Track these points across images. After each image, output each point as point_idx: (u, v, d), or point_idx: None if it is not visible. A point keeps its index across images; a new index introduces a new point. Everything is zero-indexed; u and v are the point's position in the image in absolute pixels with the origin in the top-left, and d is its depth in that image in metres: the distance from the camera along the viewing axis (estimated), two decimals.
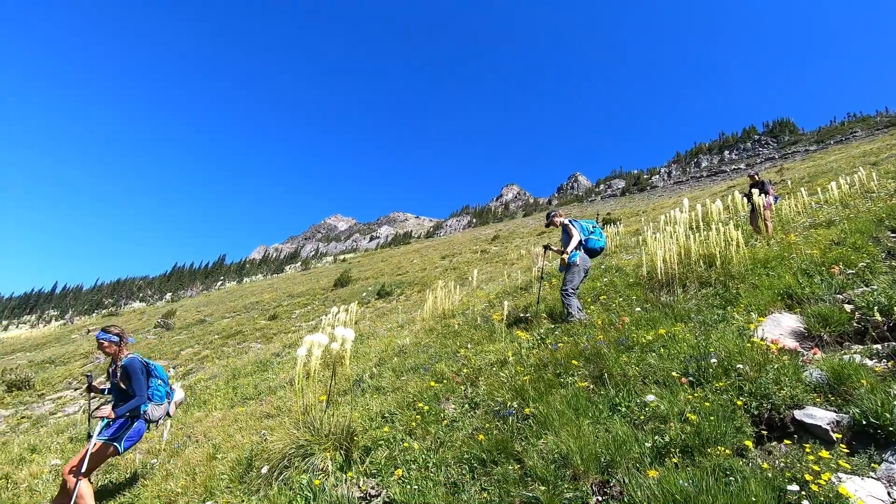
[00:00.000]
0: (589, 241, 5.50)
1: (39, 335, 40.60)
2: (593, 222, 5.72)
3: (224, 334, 20.79)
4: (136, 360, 3.96)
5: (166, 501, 3.32)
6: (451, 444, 2.91)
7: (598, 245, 5.55)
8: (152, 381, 4.06)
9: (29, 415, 14.26)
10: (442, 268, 26.80)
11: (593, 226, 5.65)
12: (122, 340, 4.02)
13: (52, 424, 11.50)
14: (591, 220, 5.78)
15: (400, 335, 7.70)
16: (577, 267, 5.28)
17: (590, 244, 5.51)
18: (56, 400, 15.97)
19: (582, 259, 5.37)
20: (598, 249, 5.59)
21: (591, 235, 5.54)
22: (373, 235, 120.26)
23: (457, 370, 4.32)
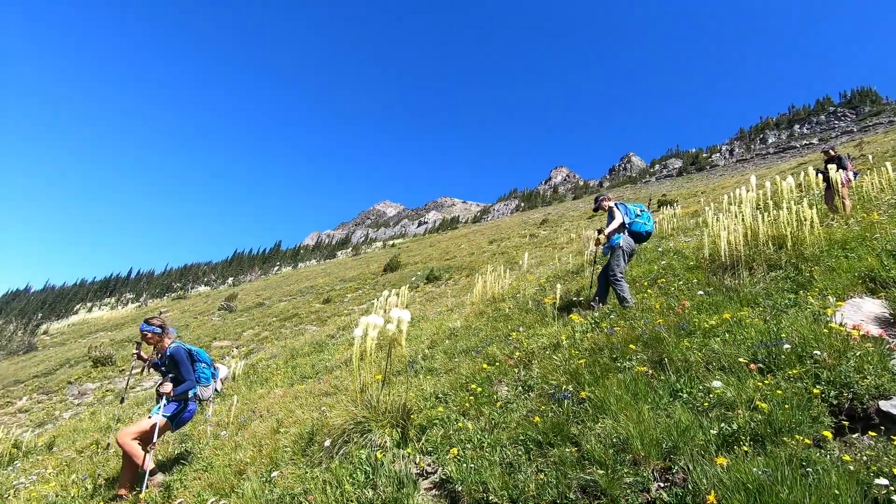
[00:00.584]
0: (634, 224, 5.34)
1: (118, 316, 44.16)
2: (642, 206, 5.54)
3: (281, 317, 21.79)
4: (180, 347, 4.27)
5: (237, 470, 3.55)
6: (505, 425, 2.92)
7: (643, 229, 5.37)
8: (197, 365, 4.41)
9: (112, 388, 15.61)
10: (490, 252, 26.70)
11: (641, 209, 5.47)
12: (164, 331, 4.35)
13: (131, 397, 12.54)
14: (640, 204, 5.61)
15: (450, 318, 7.77)
16: (620, 250, 5.15)
17: (634, 227, 5.34)
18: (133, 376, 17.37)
19: (626, 241, 5.22)
20: (643, 234, 5.41)
21: (637, 219, 5.37)
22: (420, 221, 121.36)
23: (509, 353, 4.31)
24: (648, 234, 5.45)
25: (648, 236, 5.50)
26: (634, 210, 5.43)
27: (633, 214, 5.39)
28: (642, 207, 5.51)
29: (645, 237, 5.47)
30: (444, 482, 2.55)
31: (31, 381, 20.83)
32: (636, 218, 5.37)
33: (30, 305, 59.66)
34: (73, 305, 59.73)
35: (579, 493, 2.21)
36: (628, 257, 5.27)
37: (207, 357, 4.60)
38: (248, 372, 9.34)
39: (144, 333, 4.27)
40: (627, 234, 5.30)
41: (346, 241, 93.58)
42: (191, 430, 5.84)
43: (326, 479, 2.72)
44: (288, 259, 68.47)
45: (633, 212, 5.41)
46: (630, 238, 5.31)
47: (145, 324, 4.33)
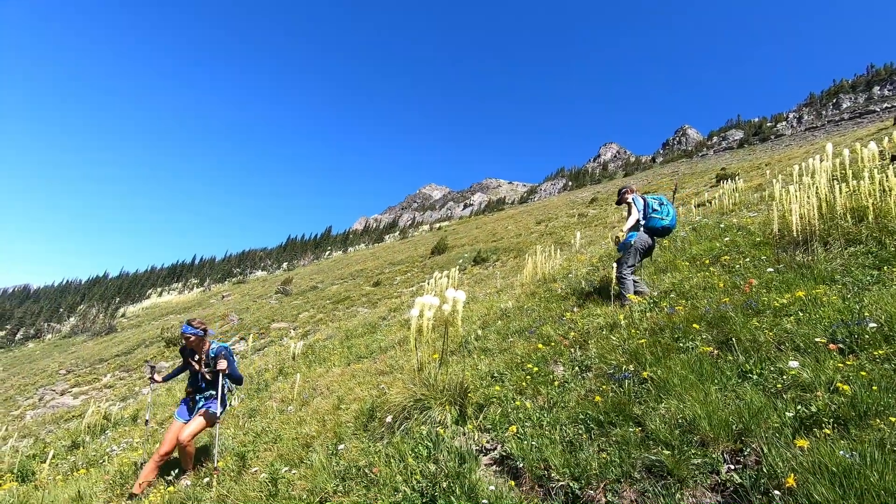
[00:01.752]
0: (650, 220, 5.13)
1: (185, 300, 47.19)
2: (662, 198, 5.32)
3: (334, 299, 22.54)
4: (225, 346, 4.41)
5: (303, 443, 3.75)
6: (563, 404, 2.91)
7: (660, 224, 5.13)
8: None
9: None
10: (538, 233, 26.32)
11: (661, 202, 5.25)
12: (206, 334, 4.43)
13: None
14: (661, 196, 5.38)
15: (500, 299, 7.76)
16: (633, 248, 5.03)
17: (650, 223, 5.14)
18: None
19: (640, 240, 5.07)
20: (659, 228, 5.16)
21: (654, 214, 5.15)
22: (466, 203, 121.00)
23: (563, 333, 4.26)
24: (666, 228, 5.22)
25: (667, 231, 5.28)
26: (653, 203, 5.24)
27: (651, 209, 5.20)
28: (662, 200, 5.31)
29: (662, 232, 5.25)
30: (505, 458, 2.59)
31: (113, 359, 22.75)
32: (653, 213, 5.17)
33: (108, 290, 64.82)
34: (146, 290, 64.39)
35: (644, 473, 2.18)
36: (642, 255, 5.18)
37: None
38: (307, 352, 9.76)
39: (186, 336, 4.30)
40: (643, 231, 5.15)
41: (394, 224, 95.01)
42: (257, 406, 6.20)
43: (389, 453, 2.83)
44: (338, 244, 70.43)
45: (651, 205, 5.22)
46: (646, 235, 5.15)
47: (188, 326, 4.36)
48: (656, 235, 5.28)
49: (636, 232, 5.13)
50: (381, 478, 2.59)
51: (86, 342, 33.52)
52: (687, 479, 2.07)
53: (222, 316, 26.31)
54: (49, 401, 17.94)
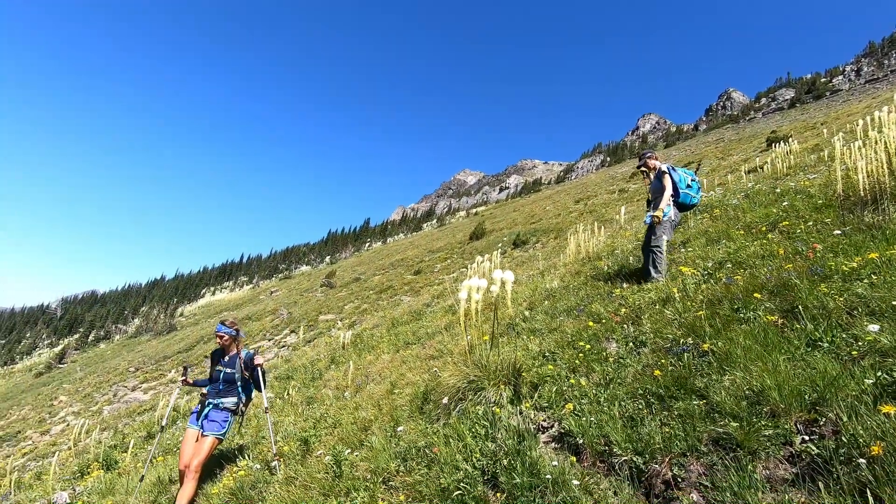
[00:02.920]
0: (683, 195, 5.03)
1: (237, 297, 49.29)
2: (692, 174, 5.16)
3: (377, 290, 22.94)
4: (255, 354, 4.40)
5: (362, 427, 3.86)
6: (620, 380, 2.87)
7: (692, 201, 5.08)
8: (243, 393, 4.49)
9: None
10: (577, 212, 25.77)
11: (692, 178, 5.10)
12: (238, 334, 4.44)
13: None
14: (690, 171, 5.21)
15: (545, 280, 7.68)
16: (668, 221, 4.89)
17: (682, 198, 5.04)
18: (256, 349, 19.40)
19: (675, 213, 4.98)
20: (689, 205, 5.11)
21: (688, 189, 5.03)
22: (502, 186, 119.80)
23: (614, 310, 4.18)
24: (694, 206, 5.20)
25: (692, 208, 5.26)
26: (685, 178, 5.09)
27: (683, 183, 5.06)
28: (693, 176, 5.17)
29: (689, 209, 5.20)
30: (564, 436, 2.58)
31: (176, 356, 24.14)
32: (687, 189, 5.05)
33: (166, 292, 68.65)
34: (200, 290, 67.75)
35: (711, 446, 2.12)
36: (673, 230, 5.07)
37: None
38: (356, 341, 10.01)
39: (220, 335, 4.34)
40: (674, 204, 5.04)
41: (430, 213, 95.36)
42: (314, 393, 6.44)
43: (447, 433, 2.88)
44: (377, 235, 71.52)
45: (683, 180, 5.07)
46: (677, 210, 5.06)
47: (221, 325, 4.40)
48: (683, 210, 5.20)
49: (669, 208, 4.99)
50: (441, 457, 2.64)
51: (150, 341, 35.70)
52: (758, 451, 2.00)
53: (272, 311, 27.35)
54: (122, 396, 19.29)
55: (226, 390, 4.32)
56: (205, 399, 4.32)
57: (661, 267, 4.79)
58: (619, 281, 5.31)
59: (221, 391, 4.32)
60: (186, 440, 4.13)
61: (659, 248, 4.83)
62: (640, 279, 5.03)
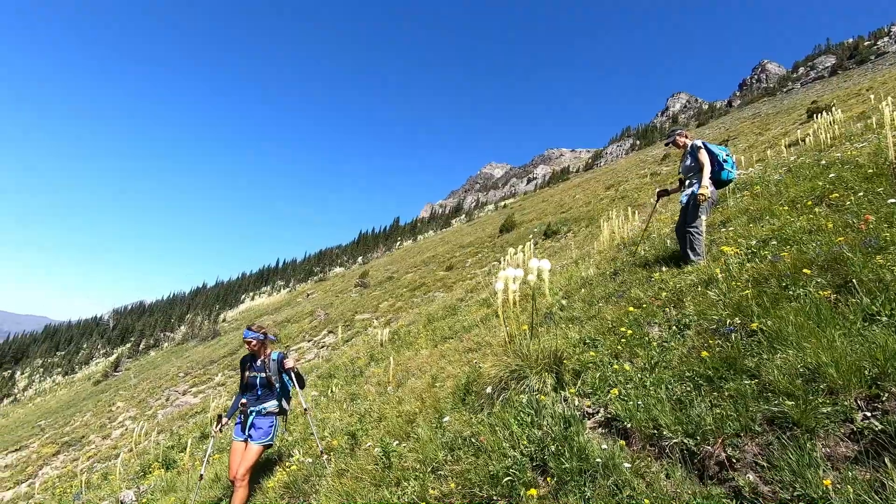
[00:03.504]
0: (722, 172, 4.88)
1: (275, 301, 50.67)
2: (727, 150, 4.99)
3: (410, 287, 23.16)
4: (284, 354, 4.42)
5: (407, 420, 3.94)
6: (665, 364, 2.83)
7: (729, 177, 4.92)
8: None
9: None
10: (608, 198, 25.28)
11: (726, 154, 4.94)
12: (266, 338, 4.44)
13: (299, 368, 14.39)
14: (725, 148, 5.03)
15: (579, 269, 7.59)
16: (706, 202, 4.71)
17: (722, 175, 4.89)
18: (297, 349, 19.93)
19: (712, 192, 4.81)
20: (726, 181, 4.97)
21: (725, 165, 4.87)
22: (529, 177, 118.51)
23: (654, 294, 4.11)
24: (729, 182, 5.04)
25: (727, 185, 5.13)
26: (721, 154, 4.93)
27: (720, 158, 4.91)
28: (728, 152, 4.99)
29: (725, 185, 5.08)
30: (610, 421, 2.57)
31: (221, 360, 25.02)
32: (724, 164, 4.89)
33: (209, 299, 71.24)
34: (240, 295, 69.96)
35: (766, 426, 2.08)
36: (711, 207, 4.95)
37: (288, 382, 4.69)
38: (393, 338, 10.16)
39: (248, 341, 4.35)
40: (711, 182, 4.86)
41: (459, 208, 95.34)
42: (356, 390, 6.58)
43: (492, 422, 2.90)
44: (407, 233, 72.07)
45: (720, 156, 4.92)
46: (713, 187, 4.89)
47: (248, 331, 4.41)
48: (718, 188, 5.05)
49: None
50: (487, 445, 2.67)
51: (196, 347, 37.14)
52: (816, 430, 1.95)
53: (310, 313, 27.98)
54: (174, 400, 20.16)
55: (264, 395, 4.34)
56: (245, 408, 4.30)
57: (699, 249, 4.67)
58: (657, 265, 5.20)
59: (260, 397, 4.34)
60: (233, 452, 4.19)
61: (696, 229, 4.71)
62: (678, 262, 4.92)
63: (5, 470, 17.95)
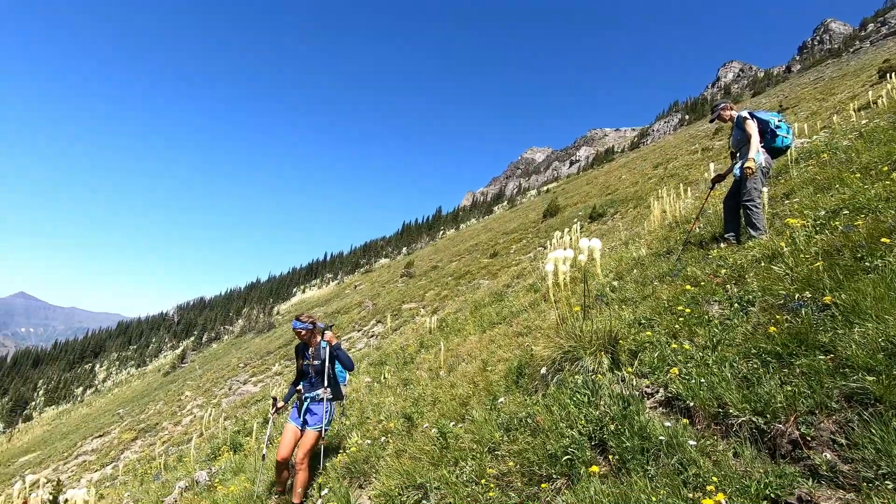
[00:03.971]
0: (777, 138, 4.55)
1: (324, 293, 52.28)
2: (778, 115, 4.62)
3: (455, 276, 23.26)
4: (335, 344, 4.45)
5: (460, 402, 3.99)
6: (728, 342, 2.72)
7: (784, 143, 4.59)
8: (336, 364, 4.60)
9: None
10: (656, 177, 24.30)
11: (778, 119, 4.58)
12: (315, 327, 4.47)
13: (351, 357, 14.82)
14: (775, 113, 4.66)
15: (629, 250, 7.39)
16: (759, 172, 4.44)
17: (777, 142, 4.56)
18: (347, 339, 20.51)
19: (766, 159, 4.52)
20: (783, 148, 4.63)
21: (778, 132, 4.54)
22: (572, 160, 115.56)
23: (713, 271, 3.94)
24: (787, 148, 4.68)
25: (784, 152, 4.76)
26: (773, 120, 4.58)
27: (772, 125, 4.57)
28: (780, 117, 4.63)
29: (783, 153, 4.73)
30: (672, 400, 2.51)
31: (277, 351, 26.15)
32: (776, 130, 4.55)
33: (263, 293, 74.42)
34: (292, 289, 72.66)
35: (843, 402, 1.97)
36: (766, 177, 4.63)
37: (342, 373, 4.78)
38: (441, 325, 10.27)
39: (297, 331, 4.42)
40: (765, 150, 4.58)
41: (500, 195, 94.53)
42: (408, 376, 6.72)
43: (547, 403, 2.90)
44: (449, 222, 72.24)
45: (770, 122, 4.58)
46: (768, 156, 4.61)
47: (297, 321, 4.47)
48: (776, 156, 4.74)
49: (760, 153, 4.54)
50: (544, 426, 2.67)
51: (253, 339, 38.99)
52: None
53: (358, 303, 28.70)
54: (236, 389, 21.30)
55: (318, 382, 4.42)
56: (301, 395, 4.42)
57: (759, 223, 4.43)
58: (713, 243, 4.98)
59: (314, 384, 4.42)
60: (285, 432, 4.31)
61: (752, 201, 4.46)
62: (737, 238, 4.69)
63: (92, 454, 19.64)
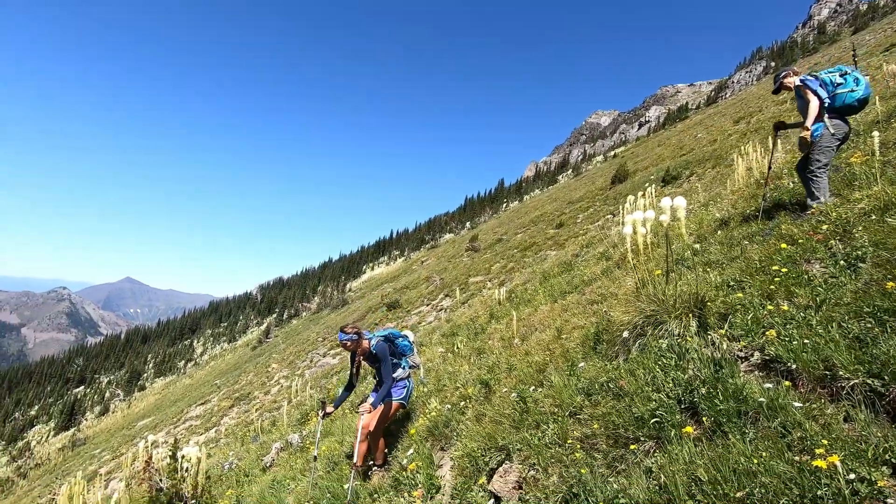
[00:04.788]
0: (836, 97, 3.99)
1: (392, 270, 53.83)
2: (843, 68, 4.05)
3: (521, 248, 23.03)
4: (382, 346, 4.43)
5: (536, 369, 4.01)
6: (835, 301, 2.50)
7: (853, 98, 3.97)
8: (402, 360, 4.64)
9: (404, 325, 19.30)
10: (738, 134, 22.35)
11: (843, 72, 4.02)
12: (360, 337, 4.48)
13: (422, 329, 15.27)
14: (840, 66, 4.08)
15: (710, 211, 6.93)
16: (825, 141, 4.01)
17: (838, 101, 3.99)
18: (417, 313, 21.10)
19: (834, 126, 4.00)
20: (855, 104, 3.99)
21: (839, 90, 3.98)
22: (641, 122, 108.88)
23: (812, 228, 3.62)
24: (863, 101, 4.01)
25: (863, 105, 4.05)
26: (832, 78, 4.04)
27: (831, 85, 4.03)
28: (844, 69, 4.05)
29: (858, 107, 4.03)
30: (769, 363, 2.36)
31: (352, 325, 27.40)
32: (838, 89, 3.99)
33: (335, 271, 78.02)
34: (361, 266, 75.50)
35: None
36: (837, 145, 4.10)
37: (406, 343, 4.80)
38: (510, 297, 10.27)
39: (344, 343, 4.47)
40: (830, 116, 4.05)
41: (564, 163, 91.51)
42: (481, 346, 6.83)
43: (630, 368, 2.84)
44: (513, 194, 71.23)
45: (831, 81, 4.04)
46: (837, 120, 4.05)
47: (342, 333, 4.53)
48: (850, 114, 4.16)
49: (821, 123, 4.08)
50: (628, 389, 2.63)
51: (329, 315, 41.14)
52: None
53: (426, 279, 29.30)
54: (317, 361, 22.70)
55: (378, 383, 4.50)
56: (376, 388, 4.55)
57: (819, 191, 4.09)
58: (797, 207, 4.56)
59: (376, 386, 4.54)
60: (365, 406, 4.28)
61: (813, 172, 4.12)
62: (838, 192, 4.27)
63: (197, 419, 21.91)
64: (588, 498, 2.15)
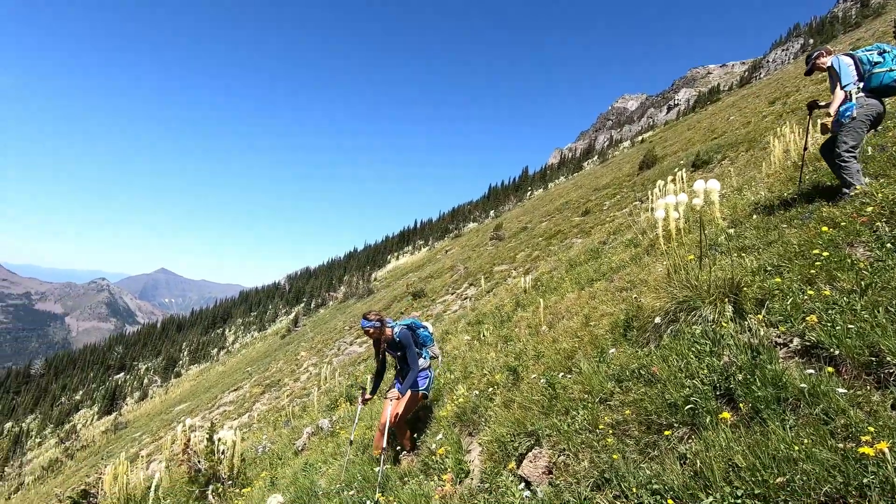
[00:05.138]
0: (873, 77, 3.75)
1: (417, 259, 54.14)
2: (880, 45, 3.79)
3: (546, 236, 22.80)
4: (405, 333, 4.42)
5: (565, 356, 3.98)
6: (882, 285, 2.40)
7: (891, 78, 3.72)
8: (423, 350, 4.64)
9: (429, 314, 19.40)
10: (773, 115, 21.48)
11: (881, 50, 3.77)
12: (383, 324, 4.46)
13: (447, 319, 15.34)
14: (879, 44, 3.82)
15: (744, 195, 6.71)
16: (854, 122, 3.80)
17: (874, 82, 3.75)
18: (442, 302, 21.19)
19: (867, 106, 3.78)
20: (893, 85, 3.73)
21: (876, 69, 3.73)
22: (669, 105, 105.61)
23: (855, 210, 3.47)
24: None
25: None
26: (869, 57, 3.80)
27: (868, 64, 3.79)
28: (882, 47, 3.78)
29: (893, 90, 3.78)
30: (810, 349, 2.29)
31: None
32: (875, 68, 3.74)
33: (360, 261, 78.96)
34: (386, 256, 76.16)
35: None
36: (870, 126, 3.88)
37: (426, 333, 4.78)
38: (536, 284, 10.21)
39: (367, 329, 4.46)
40: (865, 95, 3.82)
41: (590, 149, 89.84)
42: (507, 333, 6.82)
43: (663, 354, 2.79)
44: (537, 182, 70.42)
45: (868, 59, 3.80)
46: (872, 99, 3.81)
47: (365, 320, 4.53)
48: (887, 95, 3.90)
49: (852, 103, 3.86)
50: (661, 376, 2.59)
51: (355, 303, 41.70)
52: None
53: (450, 268, 29.36)
54: (344, 349, 23.10)
55: (404, 370, 4.55)
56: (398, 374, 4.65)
57: (850, 177, 3.90)
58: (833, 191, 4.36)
59: (402, 370, 4.59)
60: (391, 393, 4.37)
61: (841, 157, 3.94)
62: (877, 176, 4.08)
63: (230, 405, 22.65)
64: (620, 483, 2.14)
